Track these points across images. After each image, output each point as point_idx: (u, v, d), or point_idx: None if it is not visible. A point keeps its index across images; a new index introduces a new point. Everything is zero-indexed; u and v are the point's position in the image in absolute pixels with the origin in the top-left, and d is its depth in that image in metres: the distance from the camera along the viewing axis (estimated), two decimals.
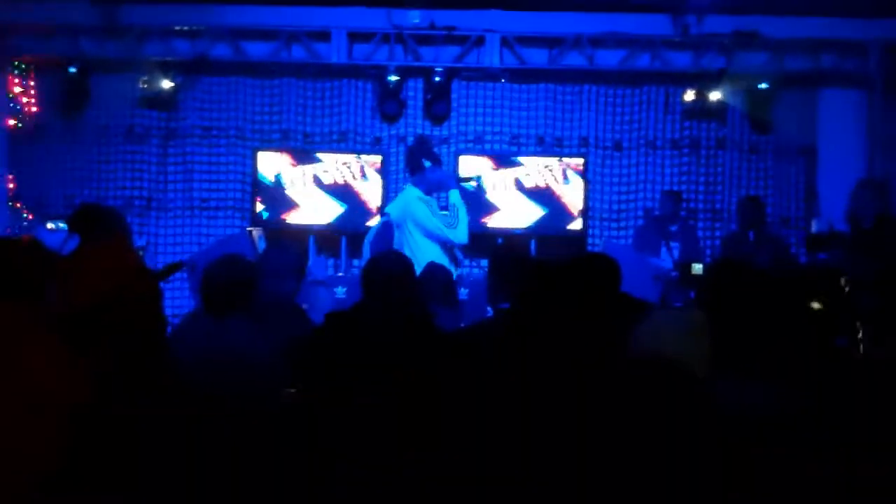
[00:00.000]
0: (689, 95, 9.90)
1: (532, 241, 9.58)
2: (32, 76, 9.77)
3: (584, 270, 4.18)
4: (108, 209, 6.53)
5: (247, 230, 8.95)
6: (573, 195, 9.73)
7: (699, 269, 7.74)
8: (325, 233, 9.66)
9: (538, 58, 9.94)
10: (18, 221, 9.51)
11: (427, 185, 7.41)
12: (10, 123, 9.73)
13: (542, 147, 10.05)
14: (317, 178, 9.64)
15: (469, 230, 7.34)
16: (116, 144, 9.97)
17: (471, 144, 9.98)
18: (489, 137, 10.03)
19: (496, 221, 9.67)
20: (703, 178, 10.10)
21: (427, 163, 7.41)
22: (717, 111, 9.96)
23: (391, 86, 9.81)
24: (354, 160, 9.72)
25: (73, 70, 9.60)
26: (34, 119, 9.79)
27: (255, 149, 9.82)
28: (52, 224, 8.58)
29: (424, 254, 6.92)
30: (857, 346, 3.71)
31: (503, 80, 10.03)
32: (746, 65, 9.72)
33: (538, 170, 9.71)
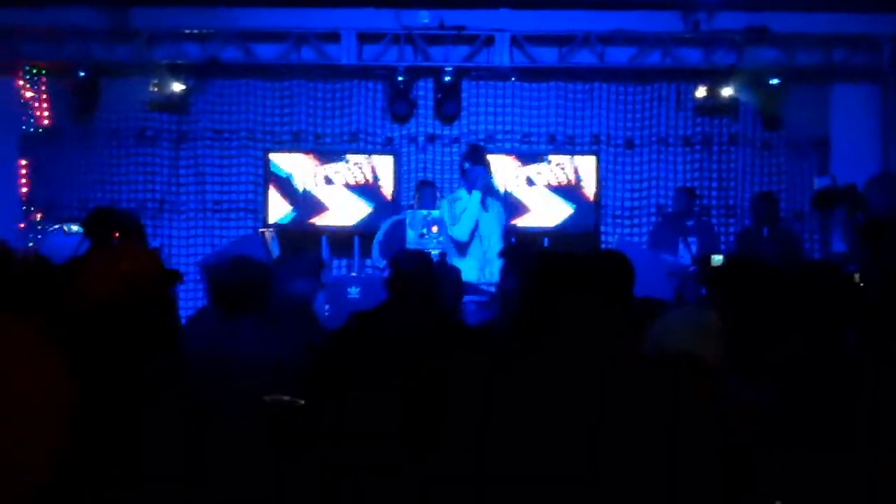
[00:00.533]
0: (701, 92, 9.87)
1: (545, 240, 9.56)
2: (43, 81, 9.81)
3: (599, 266, 4.18)
4: (123, 212, 6.54)
5: (259, 231, 8.97)
6: (589, 193, 9.71)
7: (719, 261, 7.68)
8: (338, 234, 9.66)
9: (548, 56, 9.93)
10: (33, 229, 9.54)
11: (465, 185, 8.13)
12: (23, 128, 9.77)
13: (554, 145, 10.03)
14: (328, 179, 9.64)
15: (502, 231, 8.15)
16: (128, 147, 10.00)
17: (481, 144, 9.93)
18: (500, 136, 10.02)
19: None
20: (716, 175, 10.08)
21: (466, 164, 8.15)
22: (729, 107, 9.94)
23: (401, 86, 9.81)
24: (366, 161, 9.72)
25: (84, 74, 9.63)
26: (46, 123, 9.82)
27: (266, 150, 9.82)
28: (67, 227, 8.60)
29: (451, 250, 7.74)
30: (868, 342, 3.69)
31: (513, 79, 10.03)
32: (757, 60, 9.69)
33: (558, 167, 9.69)
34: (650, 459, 2.68)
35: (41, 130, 9.84)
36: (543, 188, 9.67)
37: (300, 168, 9.68)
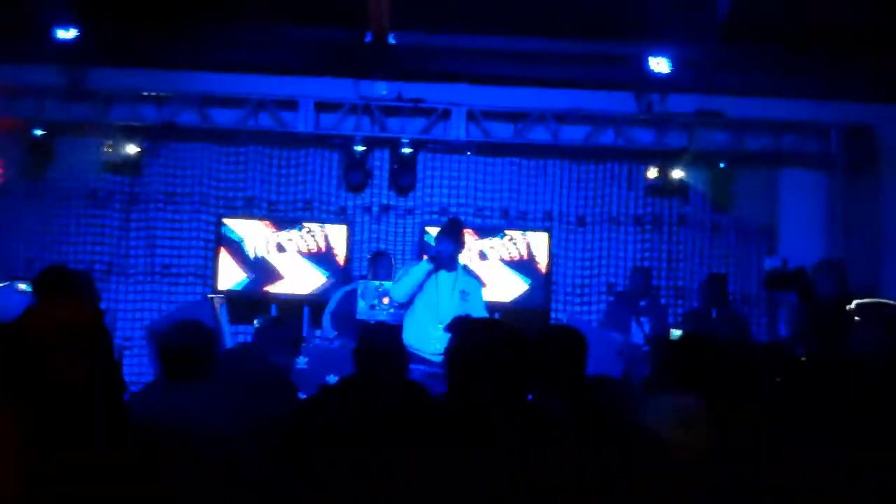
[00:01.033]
0: (652, 172, 10.00)
1: (496, 315, 9.53)
2: None
3: (553, 341, 4.16)
4: (74, 271, 6.47)
5: (208, 297, 8.88)
6: (542, 268, 9.75)
7: (677, 338, 7.70)
8: (289, 302, 9.58)
9: (503, 132, 10.02)
10: None
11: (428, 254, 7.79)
12: None
13: (507, 220, 10.10)
14: (280, 246, 9.60)
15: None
16: (79, 208, 9.91)
17: (435, 216, 9.98)
18: (454, 210, 10.04)
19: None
20: (666, 255, 10.18)
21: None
22: (679, 188, 10.06)
23: (357, 156, 9.84)
24: (319, 229, 9.70)
25: (38, 132, 9.56)
26: None
27: (220, 215, 9.77)
28: (16, 286, 8.47)
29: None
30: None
31: (469, 153, 10.11)
32: (708, 143, 9.86)
33: (511, 242, 9.74)
34: None
35: None
36: (498, 262, 9.70)
37: (254, 234, 9.64)
